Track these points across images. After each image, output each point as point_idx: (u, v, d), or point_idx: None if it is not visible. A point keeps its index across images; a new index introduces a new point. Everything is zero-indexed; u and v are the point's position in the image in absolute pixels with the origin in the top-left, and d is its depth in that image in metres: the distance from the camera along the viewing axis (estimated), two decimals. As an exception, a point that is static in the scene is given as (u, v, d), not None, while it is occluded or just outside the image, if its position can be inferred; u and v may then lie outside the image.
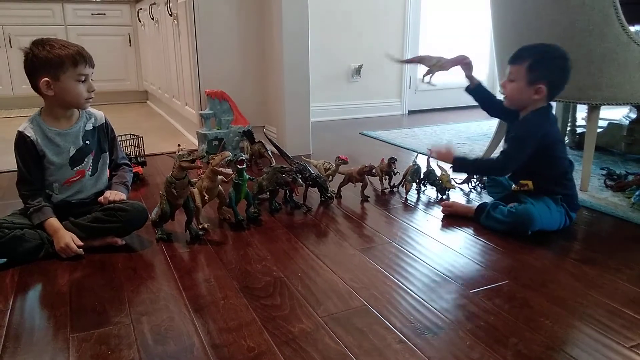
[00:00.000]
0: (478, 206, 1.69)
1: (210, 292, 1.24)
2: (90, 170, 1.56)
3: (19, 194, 1.49)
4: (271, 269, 1.36)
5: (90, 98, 1.50)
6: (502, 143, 1.75)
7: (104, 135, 1.60)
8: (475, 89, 1.79)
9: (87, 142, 1.54)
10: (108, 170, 1.64)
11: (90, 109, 1.58)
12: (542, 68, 1.56)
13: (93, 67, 1.49)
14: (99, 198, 1.52)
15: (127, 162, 1.71)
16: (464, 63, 1.76)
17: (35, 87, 1.45)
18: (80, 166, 1.53)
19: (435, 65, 1.82)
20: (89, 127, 1.56)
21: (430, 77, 1.84)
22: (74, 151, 1.51)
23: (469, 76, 1.77)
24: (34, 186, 1.48)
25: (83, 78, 1.46)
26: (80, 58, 1.44)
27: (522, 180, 1.62)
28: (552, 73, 1.56)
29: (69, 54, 1.43)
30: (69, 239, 1.42)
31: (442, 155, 1.68)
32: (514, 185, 1.65)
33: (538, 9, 1.98)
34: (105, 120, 1.62)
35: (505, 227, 1.58)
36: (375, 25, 3.87)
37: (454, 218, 1.74)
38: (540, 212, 1.53)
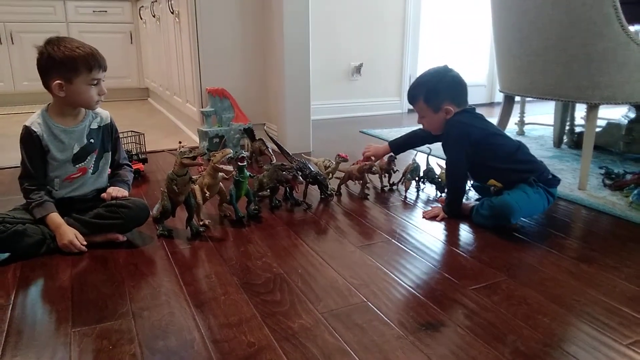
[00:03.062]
0: (473, 205, 1.71)
1: (210, 288, 1.25)
2: (92, 168, 1.56)
3: (21, 188, 1.49)
4: (271, 265, 1.37)
5: (100, 100, 1.50)
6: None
7: (108, 135, 1.61)
8: (394, 148, 2.00)
9: (92, 140, 1.54)
10: (109, 170, 1.64)
11: (97, 108, 1.58)
12: (435, 93, 1.69)
13: (105, 70, 1.49)
14: (102, 194, 1.53)
15: (128, 162, 1.72)
16: (367, 159, 1.98)
17: (46, 86, 1.45)
18: (83, 163, 1.53)
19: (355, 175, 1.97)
20: (94, 126, 1.56)
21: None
22: (78, 149, 1.51)
23: (382, 154, 2.00)
24: (37, 181, 1.48)
25: (95, 82, 1.46)
26: (95, 63, 1.44)
27: (487, 183, 1.66)
28: (446, 91, 1.68)
29: (84, 59, 1.41)
30: (72, 236, 1.43)
31: (437, 215, 1.72)
32: (491, 188, 1.67)
33: (538, 9, 1.99)
34: (111, 120, 1.62)
35: (490, 221, 1.61)
36: (376, 23, 3.87)
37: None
38: (517, 199, 1.56)
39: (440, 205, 1.78)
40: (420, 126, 1.86)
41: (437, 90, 1.68)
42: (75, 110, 1.52)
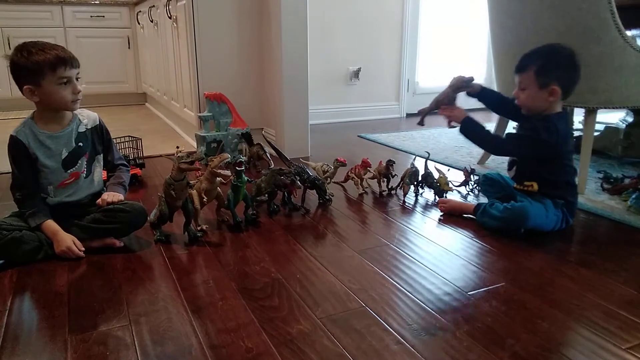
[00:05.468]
0: (477, 204, 1.70)
1: (208, 293, 1.24)
2: (85, 172, 1.55)
3: (14, 199, 1.49)
4: (269, 270, 1.37)
5: (76, 100, 1.47)
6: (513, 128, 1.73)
7: (98, 137, 1.59)
8: (483, 92, 1.77)
9: (80, 144, 1.53)
10: (104, 172, 1.64)
11: (85, 111, 1.57)
12: (550, 69, 1.55)
13: (77, 67, 1.46)
14: (97, 201, 1.52)
15: (124, 162, 1.70)
16: (462, 82, 1.74)
17: (22, 93, 1.45)
18: (74, 168, 1.52)
19: (443, 100, 1.78)
20: (82, 129, 1.54)
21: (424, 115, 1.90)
22: (66, 154, 1.50)
23: (473, 87, 1.76)
24: (28, 190, 1.47)
25: (65, 80, 1.43)
26: (58, 62, 1.40)
27: (527, 182, 1.62)
28: (561, 72, 1.55)
29: (46, 60, 1.39)
30: (70, 243, 1.42)
31: (454, 114, 1.66)
32: (515, 184, 1.66)
33: (535, 14, 1.99)
34: (100, 121, 1.60)
35: (499, 223, 1.59)
36: (374, 28, 3.88)
37: (451, 220, 1.75)
38: (536, 211, 1.54)
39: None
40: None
41: (554, 67, 1.55)
42: (59, 115, 1.50)
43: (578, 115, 2.77)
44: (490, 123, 2.48)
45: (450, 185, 1.98)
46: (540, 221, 1.56)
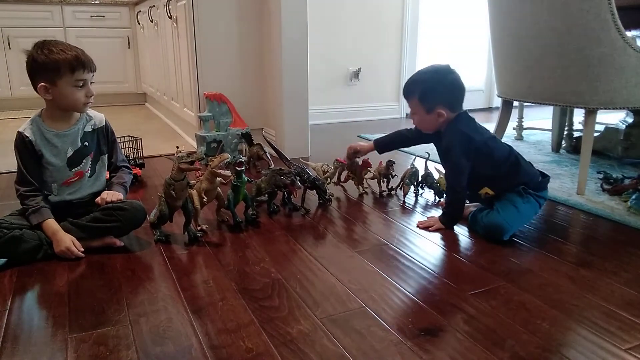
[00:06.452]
0: (470, 210, 1.70)
1: (208, 294, 1.24)
2: (89, 171, 1.56)
3: (17, 194, 1.49)
4: (269, 270, 1.37)
5: (88, 102, 1.50)
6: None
7: (103, 138, 1.61)
8: (379, 146, 1.96)
9: (86, 143, 1.54)
10: (107, 172, 1.64)
11: (91, 111, 1.59)
12: (431, 95, 1.62)
13: (93, 72, 1.49)
14: (96, 199, 1.52)
15: (127, 164, 1.71)
16: (354, 149, 1.98)
17: (35, 89, 1.46)
18: (79, 167, 1.53)
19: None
20: (88, 129, 1.56)
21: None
22: (72, 152, 1.51)
23: (366, 150, 1.97)
24: (33, 186, 1.48)
25: (81, 83, 1.45)
26: (78, 64, 1.43)
27: (480, 191, 1.64)
28: (442, 94, 1.62)
29: (66, 60, 1.42)
30: (69, 242, 1.42)
31: (433, 227, 1.67)
32: (482, 195, 1.66)
33: (535, 15, 2.00)
34: (106, 122, 1.62)
35: (483, 236, 1.59)
36: (374, 28, 3.88)
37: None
38: (507, 218, 1.54)
39: (435, 217, 1.76)
40: (405, 127, 1.88)
41: (433, 92, 1.62)
42: (67, 114, 1.53)
43: (578, 116, 2.78)
44: (490, 123, 2.48)
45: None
46: (517, 222, 1.57)
